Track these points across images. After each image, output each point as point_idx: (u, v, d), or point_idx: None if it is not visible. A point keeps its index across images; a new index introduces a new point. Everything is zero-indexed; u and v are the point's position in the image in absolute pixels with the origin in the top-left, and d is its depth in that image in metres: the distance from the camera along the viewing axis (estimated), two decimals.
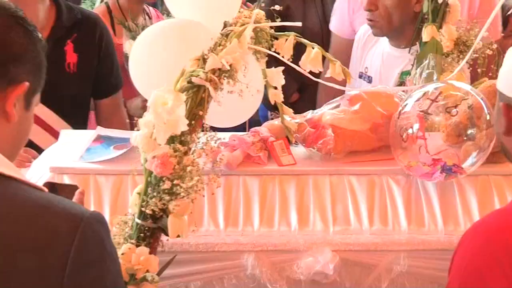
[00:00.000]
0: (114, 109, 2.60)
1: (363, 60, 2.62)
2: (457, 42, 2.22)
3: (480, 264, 1.35)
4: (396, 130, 1.82)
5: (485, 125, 1.78)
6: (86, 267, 1.08)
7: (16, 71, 1.16)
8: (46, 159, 1.96)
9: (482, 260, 1.35)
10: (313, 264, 1.72)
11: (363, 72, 2.61)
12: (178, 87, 1.50)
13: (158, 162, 1.46)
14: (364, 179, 1.87)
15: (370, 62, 2.60)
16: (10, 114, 1.16)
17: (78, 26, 2.43)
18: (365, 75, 2.57)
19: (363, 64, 2.62)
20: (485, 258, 1.34)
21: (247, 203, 1.82)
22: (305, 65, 1.71)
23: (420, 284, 1.79)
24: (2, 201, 1.09)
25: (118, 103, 2.63)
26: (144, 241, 1.52)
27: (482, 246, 1.36)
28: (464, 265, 1.37)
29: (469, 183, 1.86)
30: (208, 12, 1.81)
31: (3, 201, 1.09)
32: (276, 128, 1.95)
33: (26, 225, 1.07)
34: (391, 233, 1.79)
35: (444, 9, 2.24)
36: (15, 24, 1.17)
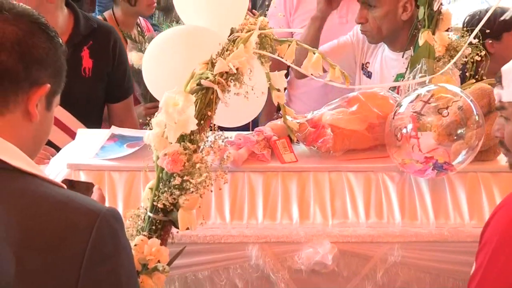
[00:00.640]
0: (126, 113, 2.60)
1: (365, 53, 2.61)
2: (448, 48, 2.22)
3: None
4: (391, 129, 1.82)
5: (474, 125, 1.77)
6: (102, 260, 1.08)
7: (39, 74, 1.15)
8: (63, 157, 1.96)
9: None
10: (313, 255, 1.72)
11: (364, 64, 2.60)
12: (188, 89, 1.51)
13: (169, 159, 1.46)
14: (361, 175, 1.87)
15: (372, 59, 2.60)
16: (32, 114, 1.15)
17: (94, 34, 2.43)
18: (366, 69, 2.57)
19: (365, 57, 2.61)
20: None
21: (252, 198, 1.82)
22: (306, 69, 1.71)
23: (412, 273, 1.79)
24: (23, 196, 1.09)
25: (130, 107, 2.64)
26: (156, 233, 1.52)
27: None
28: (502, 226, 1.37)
29: (459, 180, 1.86)
30: (216, 19, 1.80)
31: (24, 196, 1.09)
32: (279, 127, 1.95)
33: (46, 220, 1.07)
34: (386, 226, 1.79)
35: (438, 16, 2.25)
36: (38, 30, 1.17)
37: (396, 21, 2.41)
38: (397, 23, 2.42)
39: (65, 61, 1.23)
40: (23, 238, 1.04)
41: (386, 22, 2.42)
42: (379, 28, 2.43)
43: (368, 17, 2.42)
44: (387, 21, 2.41)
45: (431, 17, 2.25)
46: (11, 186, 1.09)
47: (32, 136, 1.18)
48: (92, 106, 2.50)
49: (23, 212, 1.06)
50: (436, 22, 2.25)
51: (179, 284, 1.75)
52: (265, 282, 1.78)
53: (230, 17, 1.74)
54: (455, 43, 2.19)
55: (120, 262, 1.12)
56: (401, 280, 1.79)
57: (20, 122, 1.15)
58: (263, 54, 1.66)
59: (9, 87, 1.12)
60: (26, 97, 1.14)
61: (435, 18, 2.25)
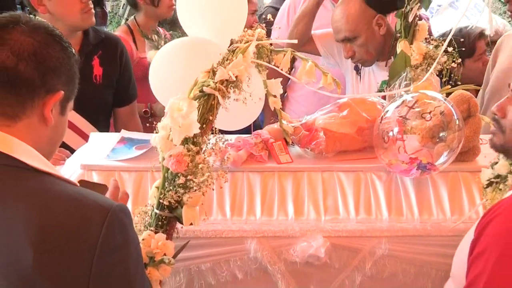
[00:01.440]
0: (130, 116, 2.60)
1: None
2: (425, 56, 2.22)
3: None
4: (378, 132, 1.82)
5: (455, 128, 1.77)
6: (112, 251, 1.09)
7: (53, 82, 1.16)
8: (77, 158, 1.96)
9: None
10: (307, 248, 1.72)
11: (359, 65, 2.59)
12: (191, 95, 1.51)
13: (174, 160, 1.46)
14: (351, 175, 1.87)
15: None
16: (48, 119, 1.16)
17: (102, 44, 2.44)
18: (359, 70, 2.56)
19: None
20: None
21: (250, 195, 1.82)
22: (300, 77, 1.70)
23: (398, 265, 1.79)
24: (40, 194, 1.09)
25: (134, 111, 2.64)
26: (162, 228, 1.52)
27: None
28: (505, 233, 1.31)
29: (441, 179, 1.86)
30: (217, 31, 1.80)
31: (41, 194, 1.09)
32: (275, 131, 1.95)
33: (61, 215, 1.07)
34: (374, 221, 1.79)
35: (414, 28, 2.25)
36: (53, 41, 1.17)
37: (377, 38, 2.42)
38: (379, 40, 2.43)
39: (78, 69, 1.24)
40: (40, 233, 1.04)
41: (370, 45, 2.43)
42: (367, 52, 2.44)
43: (353, 49, 2.43)
44: (371, 43, 2.42)
45: (407, 28, 2.25)
46: (29, 185, 1.10)
47: (47, 138, 1.19)
48: (102, 110, 2.50)
49: (40, 209, 1.06)
50: (413, 33, 2.25)
51: (183, 275, 1.75)
52: (263, 274, 1.77)
53: (229, 29, 1.73)
54: (432, 52, 2.19)
55: (128, 253, 1.13)
56: (388, 271, 1.79)
57: (36, 126, 1.16)
58: (260, 63, 1.66)
59: (26, 94, 1.13)
60: (41, 103, 1.15)
61: (411, 29, 2.25)
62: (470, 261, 1.38)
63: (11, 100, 1.12)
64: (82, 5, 2.26)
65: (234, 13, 1.89)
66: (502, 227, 1.33)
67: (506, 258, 1.30)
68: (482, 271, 1.32)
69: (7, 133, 1.12)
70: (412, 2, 2.21)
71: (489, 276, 1.30)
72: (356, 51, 2.43)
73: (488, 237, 1.34)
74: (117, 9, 5.37)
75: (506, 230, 1.32)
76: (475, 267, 1.35)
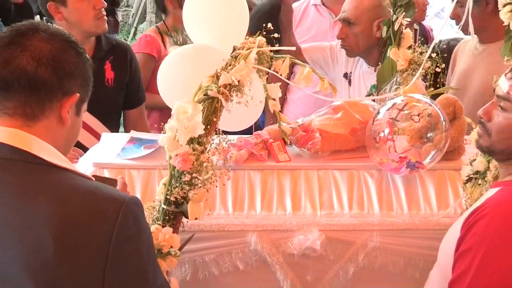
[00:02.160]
0: (139, 117, 2.59)
1: (349, 63, 2.61)
2: (410, 62, 2.21)
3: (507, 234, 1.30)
4: (370, 133, 1.81)
5: (442, 129, 1.77)
6: (126, 240, 1.09)
7: (70, 85, 1.16)
8: (90, 156, 1.96)
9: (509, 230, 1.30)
10: (304, 241, 1.72)
11: (347, 73, 2.60)
12: (196, 98, 1.50)
13: (180, 159, 1.46)
14: (345, 173, 1.87)
15: (353, 70, 2.60)
16: (64, 119, 1.16)
17: (113, 50, 2.44)
18: (349, 77, 2.56)
19: (348, 67, 2.61)
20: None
21: (251, 192, 1.81)
22: (298, 82, 1.70)
23: (389, 257, 1.78)
24: (59, 187, 1.10)
25: (142, 113, 2.63)
26: (169, 222, 1.51)
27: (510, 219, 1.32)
28: (491, 234, 1.32)
29: (429, 176, 1.86)
30: (221, 39, 1.79)
31: (60, 187, 1.10)
32: (274, 131, 1.94)
33: (78, 207, 1.08)
34: (366, 216, 1.79)
35: (399, 35, 2.24)
36: (69, 47, 1.18)
37: (371, 37, 2.41)
38: (372, 40, 2.42)
39: (92, 73, 1.23)
40: (60, 223, 1.05)
41: (362, 38, 2.43)
42: (356, 43, 2.44)
43: (348, 33, 2.43)
44: (364, 37, 2.42)
45: (393, 35, 2.25)
46: (48, 179, 1.10)
47: (64, 138, 1.19)
48: (113, 111, 2.50)
49: (59, 201, 1.07)
50: (399, 41, 2.24)
51: (188, 266, 1.74)
52: (263, 265, 1.77)
53: (232, 37, 1.73)
54: (416, 58, 2.18)
55: (141, 242, 1.13)
56: (379, 263, 1.78)
57: (54, 126, 1.16)
58: (260, 68, 1.65)
59: (45, 96, 1.13)
60: (59, 105, 1.15)
61: (397, 37, 2.24)
62: (456, 256, 1.38)
63: (31, 102, 1.12)
64: (96, 12, 2.26)
65: (236, 22, 1.89)
66: (487, 228, 1.33)
67: (491, 257, 1.31)
68: (468, 268, 1.32)
69: (28, 133, 1.12)
70: (398, 12, 2.20)
71: (475, 273, 1.31)
72: (348, 36, 2.43)
73: (475, 236, 1.34)
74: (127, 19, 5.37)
75: (491, 231, 1.32)
76: (461, 263, 1.35)
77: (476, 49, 2.48)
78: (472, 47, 2.51)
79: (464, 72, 2.47)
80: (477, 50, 2.48)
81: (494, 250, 1.30)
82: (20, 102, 1.12)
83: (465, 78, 2.42)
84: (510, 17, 1.66)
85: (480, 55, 2.45)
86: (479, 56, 2.45)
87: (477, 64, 2.43)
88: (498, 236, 1.31)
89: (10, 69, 1.11)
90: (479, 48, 2.47)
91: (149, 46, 2.86)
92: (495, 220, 1.33)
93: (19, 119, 1.13)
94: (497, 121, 1.44)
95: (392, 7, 2.22)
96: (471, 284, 1.31)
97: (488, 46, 2.43)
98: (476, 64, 2.44)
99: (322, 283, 1.80)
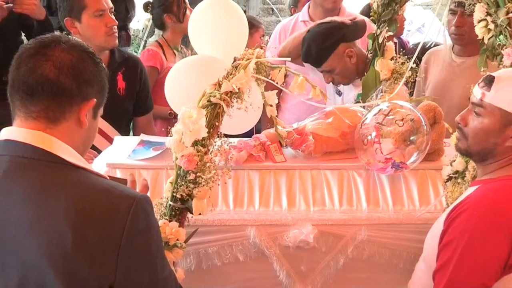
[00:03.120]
0: (147, 124, 2.58)
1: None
2: (393, 72, 2.20)
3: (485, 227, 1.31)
4: (359, 136, 1.81)
5: (423, 133, 1.76)
6: (137, 234, 1.09)
7: (88, 91, 1.16)
8: (103, 158, 1.95)
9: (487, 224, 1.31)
10: (298, 234, 1.72)
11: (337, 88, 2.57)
12: (200, 104, 1.50)
13: (185, 159, 1.45)
14: (335, 172, 1.86)
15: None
16: (83, 122, 1.16)
17: (125, 62, 2.43)
18: (337, 89, 2.54)
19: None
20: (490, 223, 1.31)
21: (250, 190, 1.81)
22: (293, 89, 1.69)
23: (375, 248, 1.78)
24: (77, 185, 1.10)
25: (151, 120, 2.62)
26: (175, 217, 1.50)
27: (489, 213, 1.33)
28: (470, 227, 1.33)
29: (411, 176, 1.85)
30: (222, 50, 1.79)
31: (77, 185, 1.10)
32: (271, 135, 1.94)
33: (94, 203, 1.08)
34: (355, 212, 1.78)
35: (383, 48, 2.23)
36: (87, 57, 1.18)
37: (350, 67, 2.33)
38: (352, 67, 2.34)
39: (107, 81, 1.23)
40: (77, 217, 1.05)
41: (345, 72, 2.34)
42: (343, 77, 2.37)
43: (332, 77, 2.36)
44: (345, 71, 2.34)
45: (378, 48, 2.23)
46: (67, 177, 1.10)
47: (82, 139, 1.19)
48: (124, 117, 2.49)
49: (77, 197, 1.07)
50: (382, 52, 2.23)
51: (193, 257, 1.74)
52: (261, 256, 1.76)
53: (233, 49, 1.72)
54: (398, 68, 2.18)
55: (150, 235, 1.13)
56: (367, 254, 1.78)
57: (73, 128, 1.16)
58: (259, 77, 1.64)
59: (66, 101, 1.14)
60: (78, 109, 1.15)
61: (381, 49, 2.22)
62: (440, 248, 1.39)
63: (53, 106, 1.13)
64: (107, 29, 2.25)
65: (237, 36, 1.88)
66: (467, 222, 1.34)
67: (471, 248, 1.32)
68: (451, 258, 1.34)
69: (50, 134, 1.13)
70: (381, 27, 2.19)
71: (456, 262, 1.33)
72: (334, 78, 2.38)
73: (456, 229, 1.35)
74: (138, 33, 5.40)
75: (471, 224, 1.34)
76: (444, 254, 1.36)
77: (454, 61, 2.46)
78: (447, 58, 2.48)
79: (442, 82, 2.45)
80: (455, 62, 2.46)
81: (473, 241, 1.31)
82: (43, 106, 1.12)
83: (443, 87, 2.40)
84: (485, 32, 1.67)
85: (458, 67, 2.43)
86: (458, 68, 2.43)
87: (456, 76, 2.40)
88: (477, 229, 1.32)
89: (35, 76, 1.11)
90: (457, 60, 2.45)
91: (152, 59, 2.85)
92: (474, 215, 1.34)
93: (42, 122, 1.13)
94: (472, 126, 1.45)
95: (376, 23, 2.22)
96: (453, 272, 1.32)
97: (467, 59, 2.41)
98: (455, 75, 2.41)
99: (314, 273, 1.79)
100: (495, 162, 1.44)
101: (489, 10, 1.66)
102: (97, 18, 2.23)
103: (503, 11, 1.61)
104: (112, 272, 1.07)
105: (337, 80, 2.40)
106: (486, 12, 1.66)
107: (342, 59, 2.31)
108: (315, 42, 2.27)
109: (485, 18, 1.66)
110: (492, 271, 1.31)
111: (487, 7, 1.66)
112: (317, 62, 2.32)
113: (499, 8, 1.63)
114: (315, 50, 2.27)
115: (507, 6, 1.61)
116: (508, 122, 1.39)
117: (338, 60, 2.31)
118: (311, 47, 2.28)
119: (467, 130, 1.47)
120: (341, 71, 2.35)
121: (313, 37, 2.28)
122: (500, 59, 1.64)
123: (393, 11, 2.12)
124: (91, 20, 2.22)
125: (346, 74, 2.36)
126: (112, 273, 1.07)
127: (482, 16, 1.67)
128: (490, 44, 1.67)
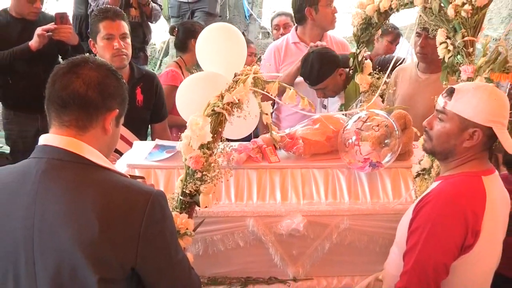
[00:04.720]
0: (163, 130, 2.56)
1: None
2: (370, 85, 2.22)
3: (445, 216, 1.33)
4: (341, 140, 1.81)
5: (396, 137, 1.76)
6: (153, 224, 1.10)
7: (111, 103, 1.17)
8: (124, 159, 1.94)
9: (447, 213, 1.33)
10: (290, 224, 1.72)
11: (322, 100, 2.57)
12: (205, 113, 1.50)
13: (193, 160, 1.45)
14: (322, 170, 1.86)
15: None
16: (107, 130, 1.17)
17: (143, 78, 2.42)
18: (322, 103, 2.53)
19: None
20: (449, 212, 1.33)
21: (249, 186, 1.81)
22: (285, 100, 1.69)
23: (356, 235, 1.78)
24: (102, 183, 1.11)
25: (165, 126, 2.60)
26: (185, 210, 1.51)
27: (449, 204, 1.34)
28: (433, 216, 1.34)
29: (386, 173, 1.86)
30: (225, 67, 1.78)
31: (103, 183, 1.11)
32: (267, 139, 1.94)
33: (117, 198, 1.09)
34: (338, 204, 1.78)
35: (362, 65, 2.24)
36: (111, 74, 1.19)
37: (339, 83, 2.36)
38: (341, 83, 2.37)
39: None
40: (103, 210, 1.06)
41: (335, 88, 2.36)
42: (333, 92, 2.39)
43: (324, 93, 2.38)
44: (335, 87, 2.36)
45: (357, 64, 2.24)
46: (95, 176, 1.11)
47: (107, 144, 1.20)
48: (142, 125, 2.48)
49: (102, 193, 1.08)
50: (362, 69, 2.24)
51: (201, 244, 1.74)
52: (258, 242, 1.76)
53: (234, 66, 1.72)
54: (375, 82, 2.19)
55: (165, 225, 1.14)
56: (348, 240, 1.78)
57: (99, 135, 1.17)
58: (256, 90, 1.64)
59: (93, 111, 1.15)
60: (103, 118, 1.16)
61: (360, 66, 2.24)
62: (408, 233, 1.40)
63: (82, 116, 1.14)
64: (114, 51, 2.23)
65: (236, 55, 1.88)
66: (431, 212, 1.36)
67: (434, 233, 1.34)
68: (417, 242, 1.35)
69: (80, 140, 1.14)
70: (360, 47, 2.20)
71: (422, 245, 1.35)
72: (325, 94, 2.40)
73: (422, 217, 1.37)
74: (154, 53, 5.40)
75: (434, 213, 1.36)
76: (412, 238, 1.37)
77: (420, 77, 2.44)
78: (413, 75, 2.45)
79: (409, 95, 2.42)
80: (420, 78, 2.43)
81: (435, 228, 1.33)
82: (74, 116, 1.13)
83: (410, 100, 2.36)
84: (445, 52, 1.71)
85: (423, 82, 2.40)
86: (423, 84, 2.40)
87: (421, 90, 2.38)
88: (439, 217, 1.34)
89: (67, 91, 1.13)
90: (422, 77, 2.42)
91: (174, 79, 2.82)
92: (437, 205, 1.35)
93: (73, 130, 1.14)
94: (436, 130, 1.46)
95: (356, 43, 2.22)
96: (419, 254, 1.34)
97: (430, 76, 2.39)
98: (420, 89, 2.38)
99: (304, 256, 1.79)
100: (455, 160, 1.45)
101: (449, 34, 1.70)
102: (106, 40, 2.22)
103: (460, 35, 1.66)
104: (133, 256, 1.08)
105: (327, 95, 2.42)
106: (446, 36, 1.71)
107: (335, 78, 2.34)
108: (319, 63, 2.31)
109: (446, 41, 1.71)
110: (451, 252, 1.33)
111: (447, 32, 1.70)
112: (316, 80, 2.34)
113: (457, 33, 1.67)
114: (317, 69, 2.30)
115: (462, 31, 1.65)
116: (465, 127, 1.40)
117: (331, 80, 2.34)
118: (314, 68, 2.31)
119: (432, 133, 1.48)
120: (332, 87, 2.37)
121: (318, 60, 2.31)
122: (458, 74, 1.69)
123: (370, 33, 2.13)
124: (102, 42, 2.23)
125: (335, 89, 2.39)
126: (133, 257, 1.08)
127: (443, 39, 1.71)
128: (450, 62, 1.71)
